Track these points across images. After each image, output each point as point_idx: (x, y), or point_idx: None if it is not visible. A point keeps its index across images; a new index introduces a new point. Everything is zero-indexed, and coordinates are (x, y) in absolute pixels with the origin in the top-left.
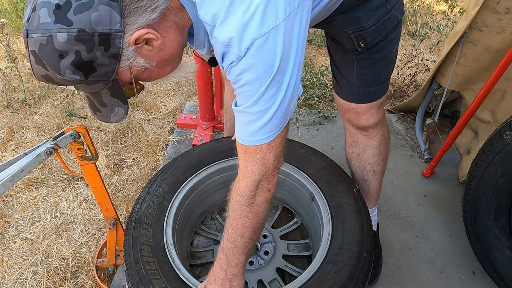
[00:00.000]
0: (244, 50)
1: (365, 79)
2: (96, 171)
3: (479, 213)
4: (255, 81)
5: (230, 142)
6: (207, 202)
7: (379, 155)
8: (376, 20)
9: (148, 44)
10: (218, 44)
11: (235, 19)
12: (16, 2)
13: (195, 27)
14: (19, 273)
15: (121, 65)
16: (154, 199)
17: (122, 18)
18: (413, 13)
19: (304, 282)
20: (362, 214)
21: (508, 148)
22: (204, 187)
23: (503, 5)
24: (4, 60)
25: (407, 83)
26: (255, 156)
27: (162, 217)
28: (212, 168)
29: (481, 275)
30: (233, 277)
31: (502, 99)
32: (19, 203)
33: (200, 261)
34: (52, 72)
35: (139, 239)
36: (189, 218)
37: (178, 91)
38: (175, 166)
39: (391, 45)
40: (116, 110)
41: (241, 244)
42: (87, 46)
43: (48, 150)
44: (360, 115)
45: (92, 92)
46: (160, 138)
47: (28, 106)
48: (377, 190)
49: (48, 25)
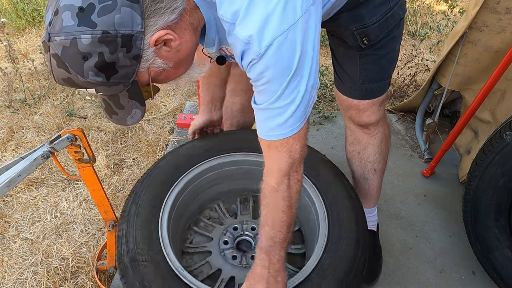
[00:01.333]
0: (264, 48)
1: (368, 75)
2: (94, 173)
3: (479, 213)
4: (276, 78)
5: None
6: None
7: (380, 153)
8: (380, 17)
9: (166, 45)
10: (238, 42)
11: (255, 16)
12: (16, 2)
13: (207, 26)
14: (19, 273)
15: (141, 66)
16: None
17: (143, 19)
18: (413, 13)
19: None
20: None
21: (508, 148)
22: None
23: (503, 5)
24: (4, 60)
25: (407, 83)
26: (281, 149)
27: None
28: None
29: (481, 275)
30: (277, 273)
31: (502, 99)
32: (19, 203)
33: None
34: (75, 74)
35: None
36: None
37: (178, 91)
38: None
39: (393, 42)
40: (134, 112)
41: (280, 239)
42: (110, 48)
43: (45, 154)
44: (362, 112)
45: (111, 94)
46: (160, 138)
47: (28, 106)
48: (377, 189)
49: (71, 28)
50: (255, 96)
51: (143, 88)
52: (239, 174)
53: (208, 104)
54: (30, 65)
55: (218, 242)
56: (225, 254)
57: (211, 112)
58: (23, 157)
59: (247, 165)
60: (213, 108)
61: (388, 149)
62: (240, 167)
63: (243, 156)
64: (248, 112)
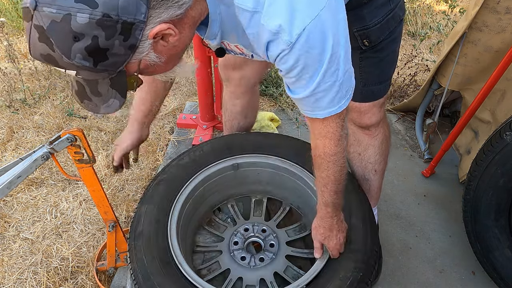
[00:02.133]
0: (296, 36)
1: (369, 78)
2: (93, 174)
3: (479, 213)
4: (313, 64)
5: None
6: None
7: (380, 154)
8: (381, 18)
9: (164, 39)
10: (264, 33)
11: (282, 3)
12: (16, 1)
13: (211, 18)
14: (19, 273)
15: (133, 58)
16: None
17: (147, 9)
18: (413, 13)
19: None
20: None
21: (508, 148)
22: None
23: (503, 5)
24: (4, 60)
25: (407, 83)
26: (336, 119)
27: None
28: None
29: (481, 275)
30: (340, 220)
31: (502, 99)
32: (19, 203)
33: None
34: (59, 53)
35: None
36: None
37: (178, 91)
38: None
39: (394, 44)
40: (111, 102)
41: (341, 190)
42: (107, 33)
43: (45, 155)
44: (363, 114)
45: (91, 79)
46: (160, 138)
47: (28, 106)
48: (377, 190)
49: (67, 2)
50: (290, 86)
51: (128, 79)
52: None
53: (143, 118)
54: (30, 65)
55: (229, 242)
56: (234, 254)
57: (143, 128)
58: (23, 158)
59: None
60: (145, 124)
61: (388, 149)
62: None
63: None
64: (248, 114)
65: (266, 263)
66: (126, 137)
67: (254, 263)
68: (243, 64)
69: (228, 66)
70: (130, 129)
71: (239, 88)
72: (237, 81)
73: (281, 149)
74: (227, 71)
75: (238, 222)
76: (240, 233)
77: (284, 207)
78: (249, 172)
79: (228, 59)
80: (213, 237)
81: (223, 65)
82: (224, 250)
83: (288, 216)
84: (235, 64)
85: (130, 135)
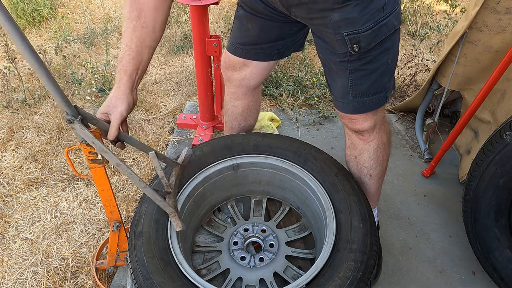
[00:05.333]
0: None
1: (360, 90)
2: (105, 174)
3: (479, 213)
4: None
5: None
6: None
7: (375, 159)
8: (373, 24)
9: None
10: None
11: None
12: (16, 2)
13: None
14: (19, 273)
15: None
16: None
17: None
18: (413, 13)
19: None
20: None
21: (508, 148)
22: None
23: (503, 5)
24: (3, 60)
25: (407, 83)
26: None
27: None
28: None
29: (481, 275)
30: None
31: (502, 99)
32: (19, 203)
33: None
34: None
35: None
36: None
37: (178, 91)
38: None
39: (386, 55)
40: None
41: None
42: None
43: (69, 119)
44: (354, 121)
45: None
46: (160, 138)
47: (28, 106)
48: (374, 193)
49: None
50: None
51: None
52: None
53: (131, 75)
54: None
55: (229, 242)
56: (234, 254)
57: (133, 90)
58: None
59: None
60: (135, 83)
61: (386, 156)
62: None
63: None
64: (249, 117)
65: (266, 263)
66: (118, 103)
67: (253, 263)
68: (243, 65)
69: (228, 66)
70: (120, 91)
71: (240, 89)
72: (237, 82)
73: (281, 150)
74: (228, 71)
75: (238, 222)
76: (240, 233)
77: (284, 207)
78: (249, 172)
79: (229, 60)
80: (213, 237)
81: (224, 65)
82: (224, 250)
83: (288, 217)
84: (235, 65)
85: (122, 101)
